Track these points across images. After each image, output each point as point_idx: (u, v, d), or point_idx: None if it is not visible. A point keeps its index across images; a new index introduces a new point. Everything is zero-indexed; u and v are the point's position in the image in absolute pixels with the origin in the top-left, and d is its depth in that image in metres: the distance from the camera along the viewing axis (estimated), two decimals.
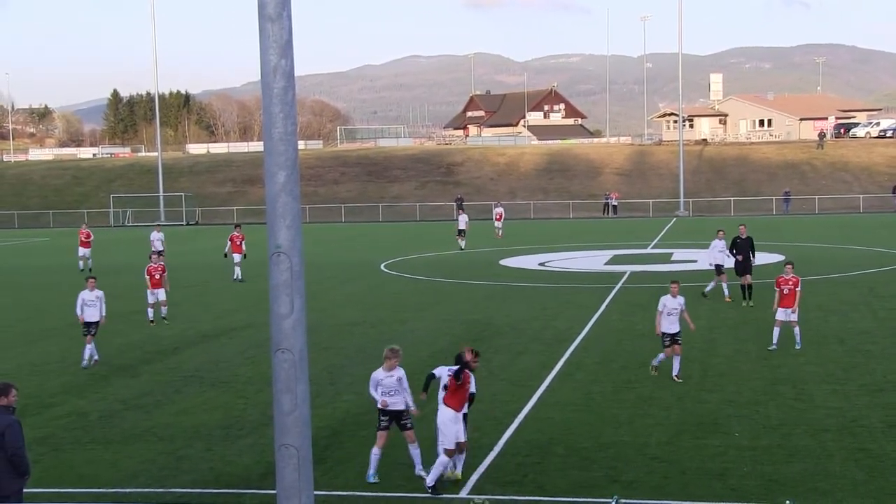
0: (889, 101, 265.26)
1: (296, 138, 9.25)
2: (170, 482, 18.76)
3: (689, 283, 46.27)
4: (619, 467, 19.03)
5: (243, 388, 26.67)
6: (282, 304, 9.11)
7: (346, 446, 20.92)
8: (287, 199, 9.07)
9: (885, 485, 17.72)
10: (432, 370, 19.26)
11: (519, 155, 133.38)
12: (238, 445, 21.16)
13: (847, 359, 28.78)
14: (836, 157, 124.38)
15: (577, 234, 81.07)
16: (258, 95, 8.61)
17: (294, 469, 9.33)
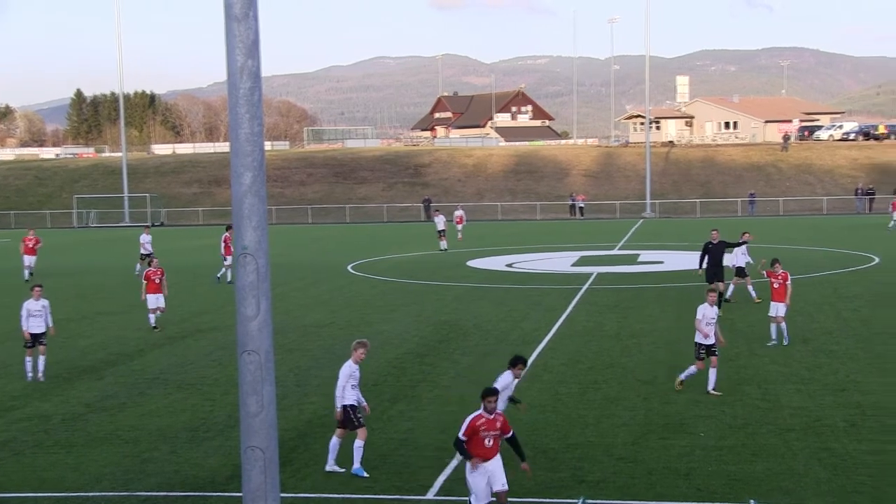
0: (851, 105, 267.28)
1: (262, 139, 9.20)
2: (135, 485, 18.65)
3: (657, 285, 46.47)
4: (585, 468, 19.06)
5: (209, 389, 26.53)
6: (248, 305, 9.08)
7: (312, 448, 20.85)
8: (253, 201, 9.03)
9: (847, 483, 17.85)
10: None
11: (486, 156, 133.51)
12: (204, 448, 21.05)
13: (811, 359, 28.90)
14: (800, 160, 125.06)
15: (544, 235, 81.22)
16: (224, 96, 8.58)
17: (260, 471, 9.29)
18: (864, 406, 23.62)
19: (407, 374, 28.21)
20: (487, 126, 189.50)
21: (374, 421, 23.32)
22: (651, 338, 32.52)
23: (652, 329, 34.24)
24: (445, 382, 27.23)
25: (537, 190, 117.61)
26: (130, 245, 79.69)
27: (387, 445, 20.71)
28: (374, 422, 23.23)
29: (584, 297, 42.63)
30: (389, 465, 19.54)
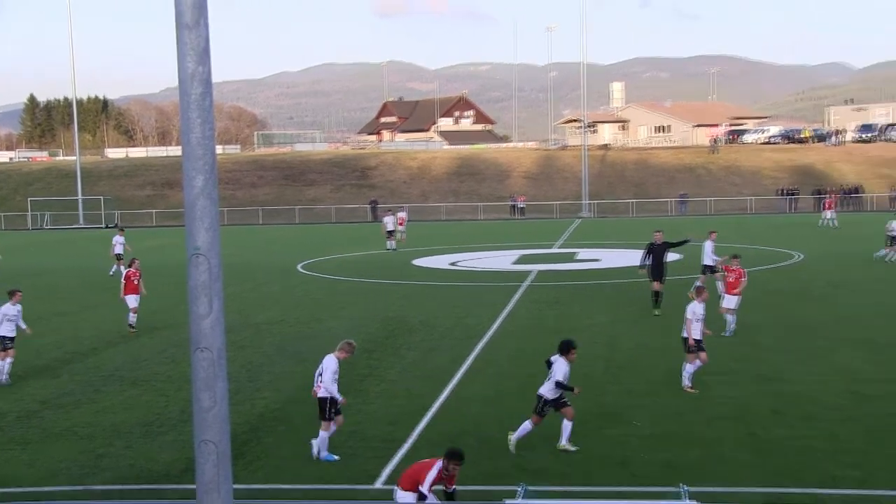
0: (775, 110, 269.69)
1: (213, 143, 9.14)
2: (90, 480, 18.51)
3: (594, 282, 46.62)
4: (526, 457, 19.08)
5: (163, 386, 26.33)
6: (201, 304, 9.02)
7: (264, 441, 20.78)
8: (205, 203, 8.97)
9: (771, 467, 18.16)
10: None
11: (431, 159, 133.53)
12: (158, 442, 20.91)
13: (739, 350, 29.12)
14: (728, 162, 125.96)
15: (486, 234, 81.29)
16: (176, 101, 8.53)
17: (213, 464, 9.23)
18: (786, 395, 23.88)
19: (355, 370, 28.09)
20: (431, 130, 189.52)
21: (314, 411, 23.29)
22: (589, 333, 32.59)
23: (590, 324, 34.34)
24: (392, 377, 27.20)
25: (479, 191, 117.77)
26: (85, 246, 79.43)
27: (336, 438, 20.61)
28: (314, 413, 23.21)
29: (524, 293, 42.72)
30: (339, 455, 19.50)
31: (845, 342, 30.15)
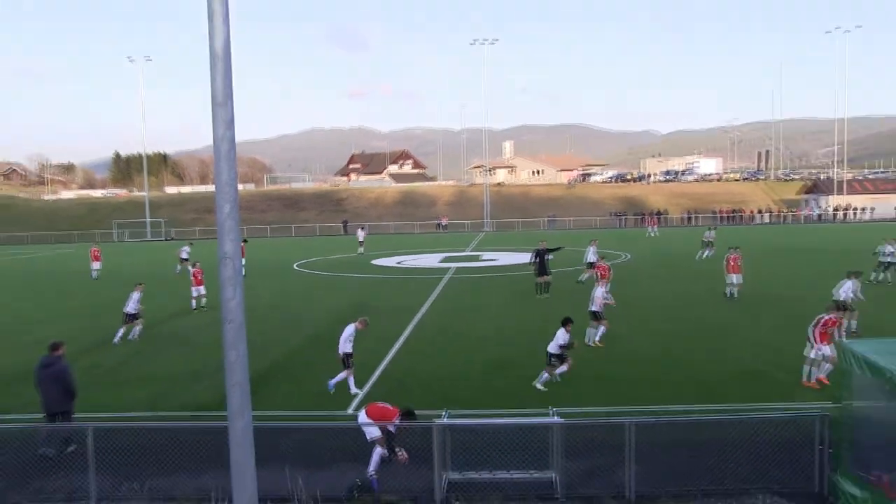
0: (610, 160, 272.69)
1: (236, 182, 9.07)
2: (157, 408, 18.39)
3: (494, 275, 46.66)
4: (449, 392, 19.07)
5: (206, 347, 25.97)
6: (228, 291, 8.97)
7: (271, 384, 20.59)
8: (231, 223, 8.93)
9: (607, 393, 18.14)
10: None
11: (383, 192, 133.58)
12: (203, 384, 20.66)
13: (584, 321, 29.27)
14: (581, 194, 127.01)
15: (420, 243, 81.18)
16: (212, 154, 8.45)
17: (238, 398, 9.21)
18: (618, 349, 23.98)
19: (327, 334, 27.95)
20: (384, 173, 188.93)
21: (310, 368, 23.11)
22: (492, 309, 32.64)
23: (493, 303, 34.38)
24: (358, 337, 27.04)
25: (416, 214, 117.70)
26: (151, 252, 78.43)
27: (319, 379, 20.47)
28: (310, 368, 23.03)
29: (447, 282, 42.69)
30: (319, 396, 19.36)
31: (655, 313, 30.45)
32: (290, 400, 19.02)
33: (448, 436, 13.43)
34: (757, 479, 13.28)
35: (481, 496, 13.04)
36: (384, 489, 13.31)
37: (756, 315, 29.13)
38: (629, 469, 12.94)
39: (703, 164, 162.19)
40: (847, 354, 12.66)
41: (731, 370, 20.78)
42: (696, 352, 23.28)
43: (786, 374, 19.90)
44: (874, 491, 11.69)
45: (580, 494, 13.05)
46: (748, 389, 18.84)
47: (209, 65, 8.81)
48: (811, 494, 12.97)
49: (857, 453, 12.42)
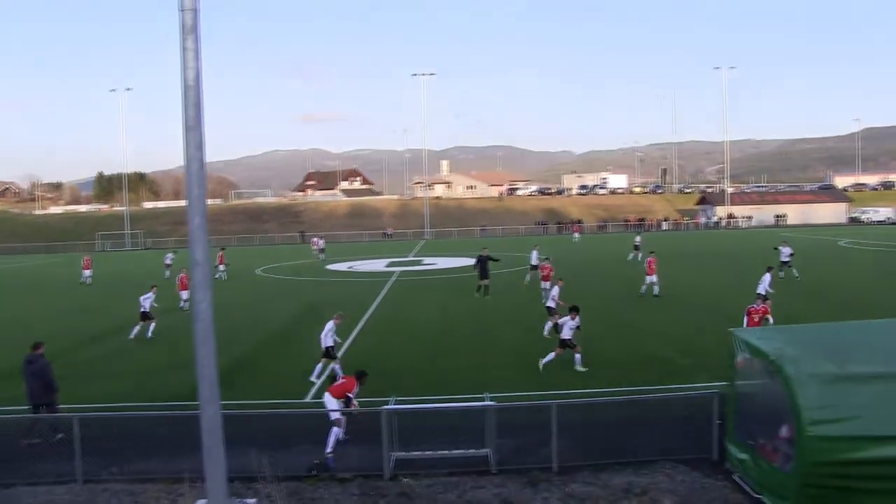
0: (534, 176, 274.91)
1: (205, 198, 8.94)
2: (135, 399, 17.93)
3: (434, 277, 46.66)
4: (396, 381, 18.98)
5: (180, 342, 25.50)
6: (199, 293, 8.83)
7: (238, 376, 20.32)
8: (200, 234, 8.81)
9: (534, 379, 18.20)
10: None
11: (336, 205, 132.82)
12: (179, 375, 20.27)
13: (518, 312, 29.35)
14: (509, 206, 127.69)
15: (369, 250, 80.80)
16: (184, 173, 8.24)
17: (208, 388, 9.09)
18: (544, 338, 24.15)
19: (287, 332, 27.71)
20: (336, 189, 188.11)
21: (272, 361, 22.86)
22: (433, 306, 32.64)
23: (433, 301, 34.37)
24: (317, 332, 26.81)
25: (364, 224, 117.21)
26: (134, 260, 76.90)
27: (281, 368, 20.24)
28: (273, 362, 22.77)
29: (393, 283, 42.57)
30: (279, 386, 19.16)
31: None
32: (255, 390, 18.75)
33: (395, 419, 13.41)
34: (664, 450, 13.48)
35: (425, 472, 13.04)
36: (339, 468, 13.23)
37: (662, 309, 29.55)
38: (554, 444, 13.03)
39: (613, 180, 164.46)
40: (734, 340, 12.92)
41: (641, 357, 21.05)
42: (612, 341, 23.53)
43: (688, 360, 20.23)
44: (757, 455, 11.96)
45: (511, 468, 13.10)
46: (656, 373, 19.11)
47: (182, 94, 8.70)
48: (709, 461, 13.19)
49: (744, 424, 12.68)
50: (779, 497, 11.10)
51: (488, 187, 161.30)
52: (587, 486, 12.33)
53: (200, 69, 8.85)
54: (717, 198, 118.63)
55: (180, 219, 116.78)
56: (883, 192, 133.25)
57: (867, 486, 10.55)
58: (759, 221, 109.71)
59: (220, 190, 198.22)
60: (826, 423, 10.45)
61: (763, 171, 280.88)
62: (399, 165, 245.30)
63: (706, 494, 11.90)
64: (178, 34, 8.78)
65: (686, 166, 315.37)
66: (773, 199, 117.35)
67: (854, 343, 12.21)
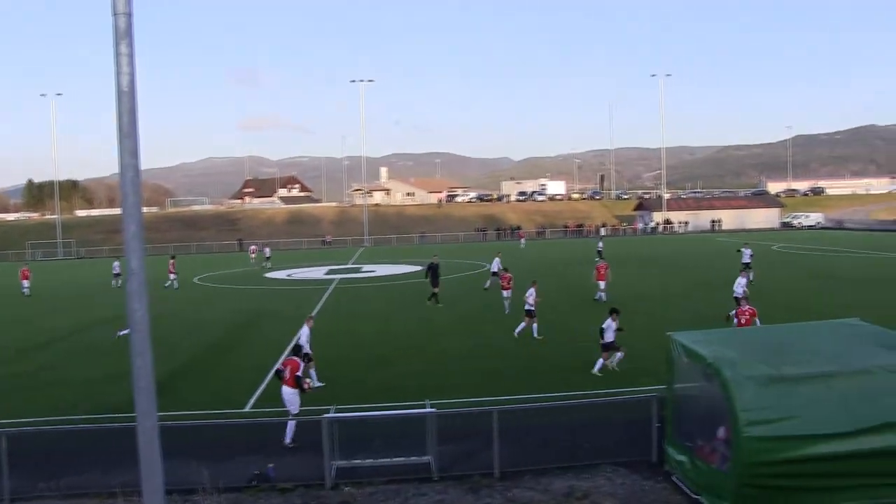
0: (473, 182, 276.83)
1: (141, 206, 8.78)
2: (73, 412, 17.50)
3: (373, 284, 46.51)
4: (337, 389, 18.91)
5: (119, 353, 25.01)
6: (134, 303, 8.68)
7: (176, 386, 19.98)
8: (136, 242, 8.65)
9: (476, 385, 18.29)
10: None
11: (274, 213, 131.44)
12: (116, 387, 19.85)
13: (465, 319, 29.46)
14: (448, 212, 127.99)
15: (308, 257, 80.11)
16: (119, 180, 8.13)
17: (146, 399, 8.93)
18: (483, 343, 24.29)
19: (226, 340, 27.37)
20: (274, 196, 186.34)
21: (210, 371, 22.55)
22: (373, 313, 32.55)
23: (373, 309, 34.28)
24: (254, 341, 26.53)
25: (303, 231, 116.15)
26: (70, 270, 74.97)
27: (218, 381, 19.99)
28: (211, 371, 22.46)
29: (332, 291, 42.31)
30: (219, 395, 18.92)
31: (520, 313, 30.97)
32: (194, 400, 18.47)
33: (336, 428, 13.35)
34: (604, 453, 13.68)
35: (367, 480, 13.00)
36: (280, 478, 13.11)
37: (602, 314, 29.95)
38: (495, 450, 13.12)
39: (552, 186, 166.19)
40: (672, 344, 13.19)
41: (583, 362, 21.30)
42: (553, 346, 23.76)
43: (626, 364, 20.55)
44: (695, 456, 12.22)
45: (453, 474, 13.15)
46: (596, 378, 19.37)
47: (116, 100, 8.56)
48: (649, 463, 13.43)
49: (681, 426, 12.95)
50: (717, 497, 11.37)
51: (427, 194, 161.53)
52: (529, 490, 12.44)
53: (135, 75, 8.71)
54: (655, 203, 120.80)
55: (115, 227, 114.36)
56: (813, 198, 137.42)
57: (802, 485, 10.88)
58: (695, 227, 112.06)
59: (156, 198, 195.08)
60: (762, 423, 10.74)
61: (698, 177, 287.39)
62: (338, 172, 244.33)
63: (646, 496, 12.11)
64: (112, 38, 8.64)
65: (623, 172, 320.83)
66: (709, 204, 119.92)
67: (788, 345, 12.57)
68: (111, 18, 8.66)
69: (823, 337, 13.04)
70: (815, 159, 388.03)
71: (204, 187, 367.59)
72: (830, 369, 11.40)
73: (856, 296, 33.46)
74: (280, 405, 16.80)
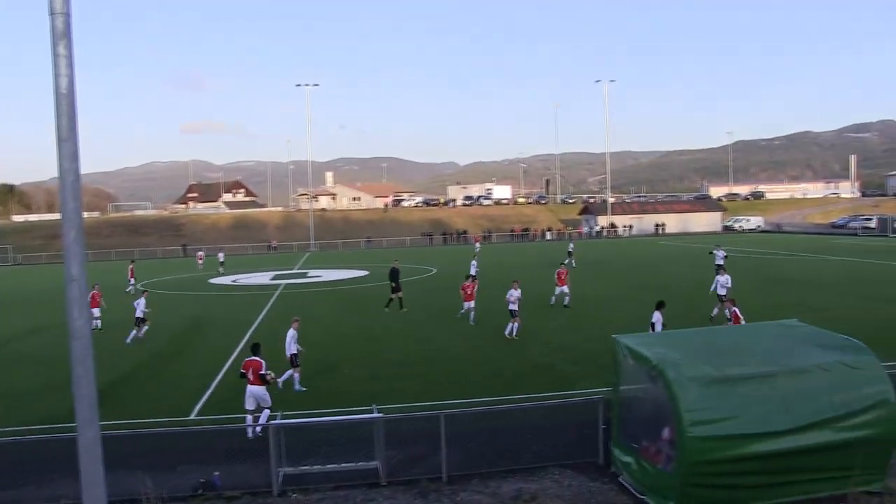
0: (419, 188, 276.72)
1: (81, 211, 8.63)
2: (6, 423, 17.00)
3: (319, 289, 46.22)
4: (285, 395, 18.76)
5: (58, 362, 24.41)
6: (74, 310, 8.51)
7: (118, 395, 19.59)
8: (76, 248, 8.49)
9: (423, 389, 18.32)
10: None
11: (219, 218, 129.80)
12: (55, 397, 19.39)
13: (410, 325, 29.43)
14: (394, 217, 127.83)
15: (253, 263, 79.23)
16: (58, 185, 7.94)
17: (87, 409, 8.76)
18: (435, 349, 24.32)
19: (170, 347, 26.93)
20: (219, 201, 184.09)
21: (153, 378, 22.19)
22: (319, 319, 32.32)
23: (320, 314, 34.05)
24: (197, 348, 26.14)
25: (248, 237, 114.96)
26: (9, 277, 73.10)
27: (163, 388, 19.67)
28: (154, 379, 22.10)
29: (278, 296, 41.93)
30: (163, 403, 18.62)
31: (465, 318, 31.06)
32: (138, 408, 18.14)
33: (283, 434, 13.25)
34: (551, 456, 13.80)
35: (314, 486, 12.92)
36: (226, 486, 12.95)
37: (549, 317, 30.22)
38: (443, 454, 13.15)
39: (497, 191, 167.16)
40: (617, 346, 13.37)
41: (528, 365, 21.46)
42: (500, 350, 23.89)
43: (574, 367, 20.75)
44: (641, 457, 12.41)
45: (401, 479, 13.14)
46: (543, 381, 19.53)
47: (55, 103, 8.39)
48: (596, 465, 13.59)
49: (627, 427, 13.14)
50: (662, 497, 11.55)
51: (374, 199, 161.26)
52: (477, 494, 12.49)
53: (74, 77, 8.55)
54: (599, 208, 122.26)
55: (54, 232, 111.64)
56: (753, 202, 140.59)
57: (745, 482, 11.15)
58: (639, 230, 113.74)
59: (97, 202, 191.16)
60: (705, 423, 10.97)
61: (642, 181, 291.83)
62: (283, 177, 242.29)
63: (593, 498, 12.25)
64: (49, 40, 8.46)
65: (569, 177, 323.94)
66: (653, 208, 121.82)
67: (731, 346, 12.85)
68: (48, 19, 8.49)
69: (764, 338, 13.35)
70: (755, 164, 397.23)
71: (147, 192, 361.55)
72: (771, 369, 11.69)
73: (794, 297, 34.35)
74: (225, 412, 16.67)
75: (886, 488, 11.74)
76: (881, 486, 11.73)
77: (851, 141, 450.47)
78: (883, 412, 11.43)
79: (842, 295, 34.66)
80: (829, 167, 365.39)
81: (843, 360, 11.84)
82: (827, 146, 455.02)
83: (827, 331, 13.58)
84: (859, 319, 27.26)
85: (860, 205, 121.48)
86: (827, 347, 12.39)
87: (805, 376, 11.58)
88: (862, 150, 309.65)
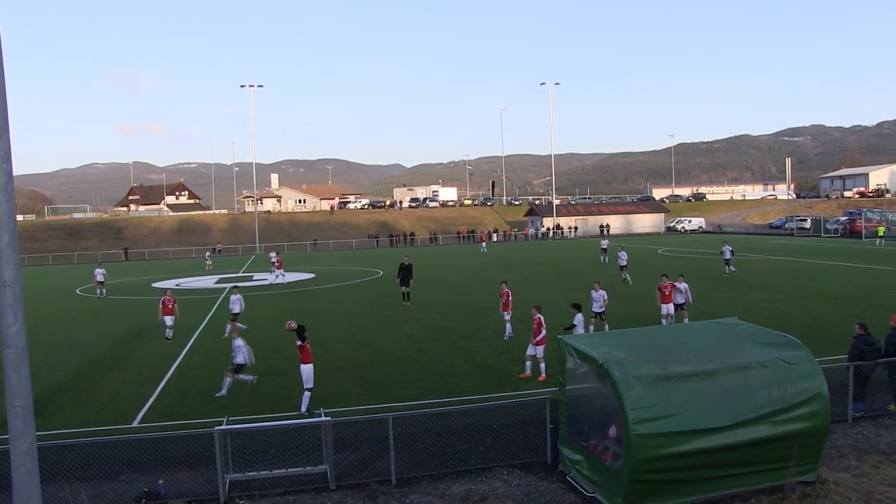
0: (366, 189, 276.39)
1: (14, 213, 8.34)
2: None
3: (266, 292, 45.69)
4: (229, 400, 18.47)
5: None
6: (8, 317, 8.22)
7: (55, 404, 19.04)
8: (10, 252, 8.21)
9: (370, 393, 18.18)
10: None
11: (161, 221, 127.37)
12: None
13: (350, 328, 29.26)
14: (341, 220, 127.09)
15: (198, 267, 78.08)
16: None
17: (21, 420, 8.45)
18: (377, 351, 24.20)
19: (112, 353, 26.34)
20: (161, 203, 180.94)
21: (92, 386, 21.69)
22: (265, 321, 31.94)
23: (265, 318, 33.64)
24: (143, 355, 25.61)
25: (192, 240, 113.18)
26: None
27: (104, 395, 19.20)
28: (93, 387, 21.61)
29: (223, 301, 41.30)
30: (104, 411, 18.18)
31: (411, 320, 30.92)
32: (74, 417, 17.66)
33: (228, 440, 13.04)
34: (499, 456, 13.83)
35: (262, 492, 12.74)
36: (171, 494, 12.68)
37: (493, 319, 30.30)
38: (392, 457, 13.08)
39: (443, 192, 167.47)
40: (564, 346, 13.46)
41: (474, 366, 21.48)
42: (445, 352, 23.88)
43: (520, 367, 20.83)
44: (589, 455, 12.52)
45: (350, 483, 13.03)
46: (489, 381, 19.56)
47: None
48: (544, 465, 13.65)
49: (574, 426, 13.24)
50: (611, 494, 11.68)
51: (320, 201, 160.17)
52: (426, 496, 12.45)
53: (3, 73, 8.30)
54: (545, 209, 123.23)
55: None
56: (695, 203, 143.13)
57: (689, 476, 11.36)
58: (584, 231, 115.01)
59: (33, 205, 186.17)
60: (649, 421, 11.13)
61: (587, 183, 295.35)
62: (228, 179, 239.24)
63: (542, 497, 12.30)
64: None
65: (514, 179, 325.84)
66: (598, 210, 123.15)
67: (674, 345, 13.03)
68: None
69: (706, 336, 13.57)
70: (696, 166, 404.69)
71: (86, 194, 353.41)
72: (712, 367, 11.90)
73: (734, 296, 35.05)
74: (170, 419, 16.39)
75: (820, 478, 12.09)
76: (815, 475, 12.10)
77: (787, 144, 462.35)
78: (817, 406, 11.83)
79: (779, 293, 35.48)
80: (767, 169, 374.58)
81: (780, 357, 12.13)
82: (764, 149, 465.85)
83: (765, 328, 13.87)
84: (795, 317, 27.92)
85: (795, 206, 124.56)
86: (765, 344, 12.67)
87: (745, 373, 11.82)
88: (797, 153, 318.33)
